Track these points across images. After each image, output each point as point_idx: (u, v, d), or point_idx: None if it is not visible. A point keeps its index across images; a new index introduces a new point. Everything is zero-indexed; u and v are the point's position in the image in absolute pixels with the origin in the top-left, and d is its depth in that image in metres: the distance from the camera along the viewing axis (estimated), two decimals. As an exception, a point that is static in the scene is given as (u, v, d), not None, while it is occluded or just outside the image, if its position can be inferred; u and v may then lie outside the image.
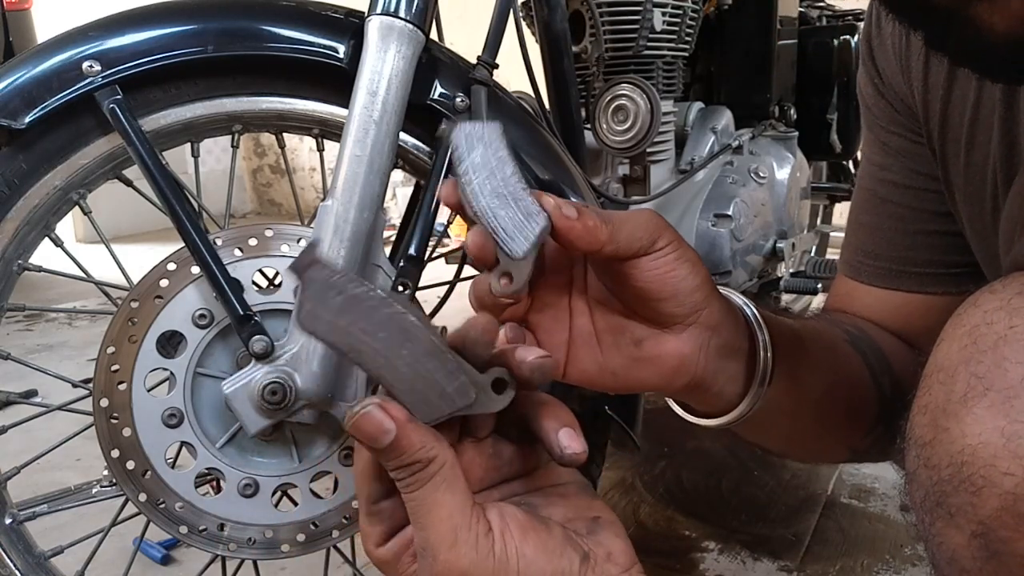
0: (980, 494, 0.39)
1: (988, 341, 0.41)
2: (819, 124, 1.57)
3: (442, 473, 0.40)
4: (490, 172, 0.45)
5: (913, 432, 0.44)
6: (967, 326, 0.43)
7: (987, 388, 0.40)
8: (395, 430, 0.39)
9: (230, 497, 0.78)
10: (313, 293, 0.38)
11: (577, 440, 0.43)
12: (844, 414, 0.65)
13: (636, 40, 1.20)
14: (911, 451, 0.44)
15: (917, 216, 0.70)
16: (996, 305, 0.42)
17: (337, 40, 0.79)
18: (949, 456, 0.41)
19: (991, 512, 0.39)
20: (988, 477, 0.39)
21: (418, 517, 0.41)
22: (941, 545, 0.42)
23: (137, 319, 0.75)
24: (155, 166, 0.75)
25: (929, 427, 0.43)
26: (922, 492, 0.43)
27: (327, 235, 0.74)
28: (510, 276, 0.45)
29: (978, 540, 0.39)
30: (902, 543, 1.26)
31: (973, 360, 0.41)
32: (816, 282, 1.41)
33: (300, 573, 1.20)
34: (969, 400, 0.40)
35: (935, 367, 0.44)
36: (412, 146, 0.83)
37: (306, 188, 5.06)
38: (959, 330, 0.43)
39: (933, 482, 0.42)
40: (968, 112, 0.60)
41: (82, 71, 0.73)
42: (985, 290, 0.44)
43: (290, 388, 0.74)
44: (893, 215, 0.71)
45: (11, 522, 0.81)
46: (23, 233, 0.77)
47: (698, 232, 1.22)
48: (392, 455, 0.40)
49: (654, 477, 1.48)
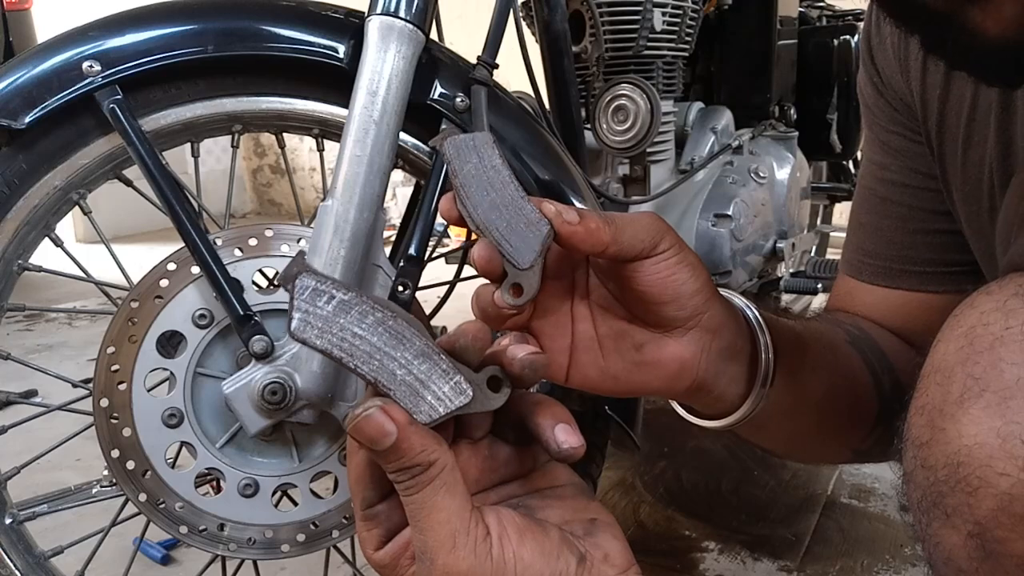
0: (976, 494, 0.39)
1: (984, 342, 0.41)
2: (819, 124, 1.57)
3: (442, 477, 0.40)
4: (487, 183, 0.45)
5: (910, 433, 0.44)
6: (964, 327, 0.43)
7: (983, 389, 0.40)
8: (396, 433, 0.39)
9: (230, 497, 0.78)
10: (303, 301, 0.39)
11: (574, 435, 0.43)
12: (845, 414, 0.65)
13: (636, 40, 1.20)
14: (908, 452, 0.45)
15: (916, 215, 0.70)
16: (992, 306, 0.42)
17: (337, 40, 0.79)
18: (946, 457, 0.41)
19: (987, 512, 0.39)
20: (984, 478, 0.39)
21: (417, 520, 0.41)
22: (938, 545, 0.42)
23: (137, 319, 0.75)
24: (155, 166, 0.75)
25: (926, 428, 0.43)
26: (919, 492, 0.43)
27: (327, 235, 0.74)
28: (520, 288, 0.45)
29: (974, 540, 0.40)
30: (902, 543, 1.26)
31: (970, 361, 0.41)
32: (816, 282, 1.41)
33: (300, 573, 1.20)
34: (965, 401, 0.40)
35: (932, 368, 0.44)
36: (412, 146, 0.83)
37: (306, 188, 5.06)
38: (956, 331, 0.43)
39: (930, 483, 0.42)
40: (965, 111, 0.61)
41: (82, 71, 0.73)
42: (981, 292, 0.44)
43: (290, 388, 0.74)
44: (893, 214, 0.72)
45: (11, 522, 0.81)
46: (23, 233, 0.77)
47: (698, 232, 1.22)
48: (392, 458, 0.40)
49: (654, 477, 1.48)
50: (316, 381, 0.74)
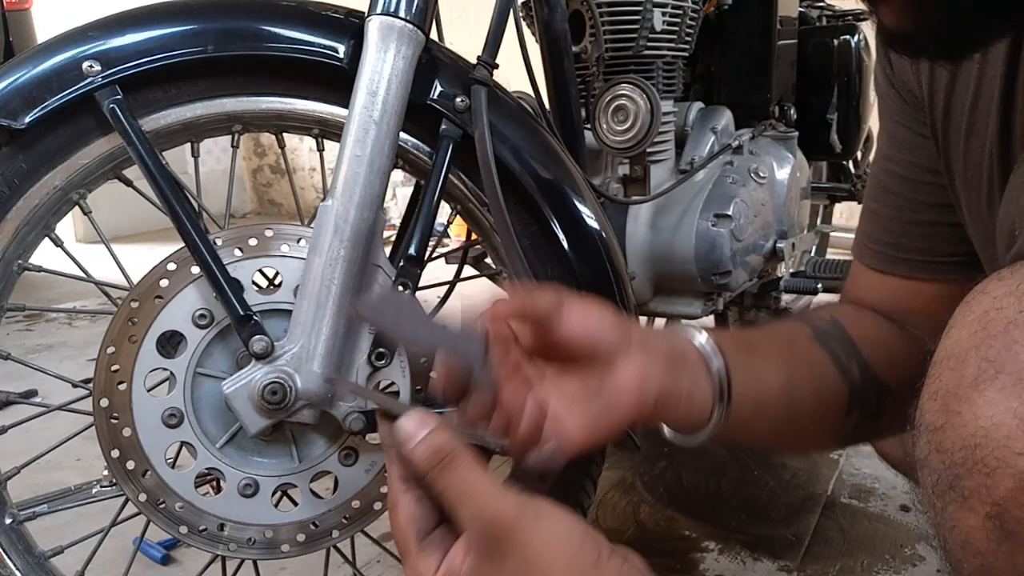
0: (994, 475, 0.39)
1: (998, 326, 0.41)
2: (819, 124, 1.57)
3: (464, 457, 0.47)
4: (412, 319, 0.54)
5: (924, 419, 0.45)
6: (976, 312, 0.43)
7: (998, 371, 0.40)
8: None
9: (230, 497, 0.78)
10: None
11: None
12: (812, 400, 0.70)
13: (636, 40, 1.20)
14: (921, 437, 0.45)
15: (911, 206, 0.74)
16: (1005, 291, 0.42)
17: (337, 40, 0.79)
18: (962, 439, 0.41)
19: (1005, 492, 0.39)
20: (1002, 458, 0.39)
21: (457, 499, 0.46)
22: (954, 529, 0.42)
23: (137, 319, 0.75)
24: (155, 166, 0.75)
25: (940, 412, 0.43)
26: (934, 477, 0.43)
27: (327, 235, 0.74)
28: (487, 388, 0.54)
29: (992, 522, 0.40)
30: (902, 543, 1.26)
31: (983, 345, 0.41)
32: (816, 282, 1.41)
33: (300, 573, 1.20)
34: (980, 383, 0.41)
35: (945, 354, 0.44)
36: (412, 146, 0.83)
37: (306, 188, 5.06)
38: (968, 316, 0.44)
39: (945, 466, 0.42)
40: (969, 100, 0.62)
41: (82, 71, 0.73)
42: (993, 278, 0.44)
43: (290, 388, 0.74)
44: (891, 203, 0.75)
45: (11, 522, 0.81)
46: (23, 233, 0.77)
47: (698, 232, 1.22)
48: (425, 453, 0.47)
49: (654, 477, 1.48)
50: (316, 381, 0.74)
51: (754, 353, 0.67)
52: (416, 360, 0.80)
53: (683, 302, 1.29)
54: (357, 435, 0.78)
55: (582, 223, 0.86)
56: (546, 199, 0.84)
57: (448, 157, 0.80)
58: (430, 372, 0.81)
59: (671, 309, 1.30)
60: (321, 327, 0.74)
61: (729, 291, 1.29)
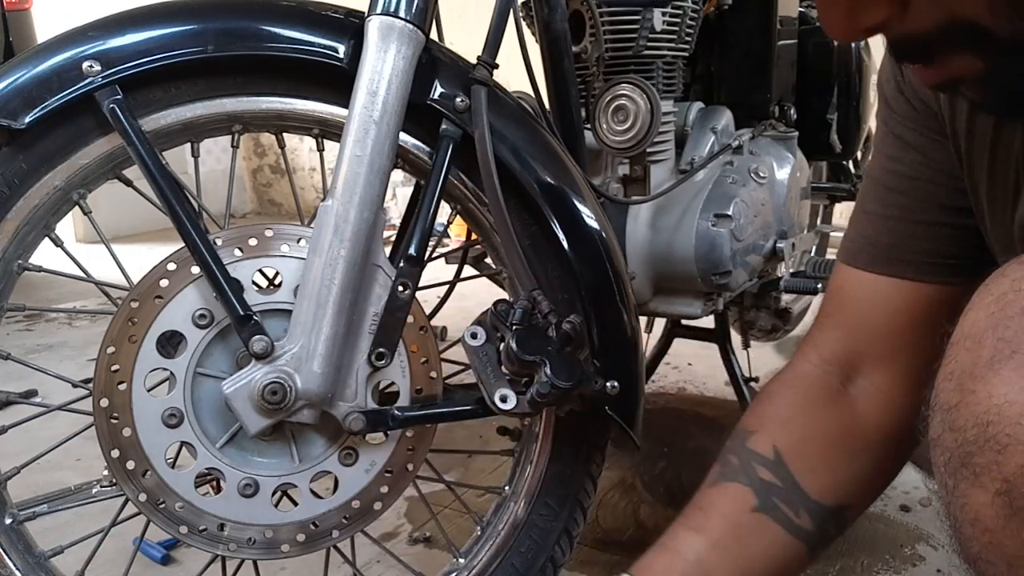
0: (1005, 452, 0.39)
1: (1016, 307, 0.41)
2: (819, 124, 1.57)
3: None
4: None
5: (938, 399, 0.45)
6: (995, 294, 0.43)
7: (1014, 351, 0.40)
8: None
9: (230, 497, 0.78)
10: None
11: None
12: (774, 569, 0.72)
13: (636, 40, 1.19)
14: (936, 417, 0.45)
15: (922, 207, 0.73)
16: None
17: (337, 40, 0.79)
18: (975, 417, 0.41)
19: (1015, 469, 0.39)
20: (1014, 435, 0.39)
21: None
22: (964, 506, 0.42)
23: (137, 319, 0.75)
24: (155, 166, 0.75)
25: (955, 391, 0.43)
26: (946, 455, 0.43)
27: (327, 235, 0.74)
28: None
29: (1002, 498, 0.40)
30: (902, 543, 1.26)
31: (1000, 325, 0.41)
32: (816, 282, 1.41)
33: (300, 573, 1.20)
34: (996, 363, 0.41)
35: (961, 335, 0.44)
36: (412, 146, 0.83)
37: (306, 188, 5.06)
38: (987, 298, 0.44)
39: (958, 443, 0.42)
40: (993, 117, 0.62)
41: (82, 71, 0.73)
42: (1013, 262, 0.45)
43: (290, 388, 0.74)
44: (899, 204, 0.74)
45: (11, 522, 0.81)
46: (23, 233, 0.77)
47: (698, 232, 1.22)
48: None
49: (654, 477, 1.48)
50: (316, 381, 0.74)
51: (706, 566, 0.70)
52: (416, 360, 0.80)
53: (683, 302, 1.29)
54: (357, 435, 0.78)
55: (582, 223, 0.86)
56: (546, 199, 0.84)
57: (448, 157, 0.80)
58: (430, 373, 0.81)
59: (671, 309, 1.30)
60: (321, 327, 0.74)
61: (729, 291, 1.29)
